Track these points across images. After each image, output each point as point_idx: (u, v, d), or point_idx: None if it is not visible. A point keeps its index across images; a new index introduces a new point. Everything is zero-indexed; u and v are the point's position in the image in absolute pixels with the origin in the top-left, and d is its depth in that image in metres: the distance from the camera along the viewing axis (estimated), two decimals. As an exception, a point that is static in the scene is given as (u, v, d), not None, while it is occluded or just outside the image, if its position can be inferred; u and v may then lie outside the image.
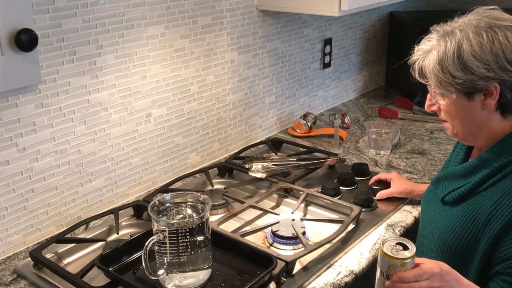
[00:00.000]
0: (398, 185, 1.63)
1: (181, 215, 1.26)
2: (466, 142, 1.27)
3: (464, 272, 1.17)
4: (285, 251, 1.38)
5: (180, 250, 1.19)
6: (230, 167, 1.81)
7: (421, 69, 1.20)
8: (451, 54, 1.12)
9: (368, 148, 2.01)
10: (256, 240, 1.42)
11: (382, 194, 1.63)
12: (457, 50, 1.12)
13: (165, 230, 1.18)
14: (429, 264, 1.09)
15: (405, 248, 1.09)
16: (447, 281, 1.09)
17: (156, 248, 1.21)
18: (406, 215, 1.57)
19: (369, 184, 1.68)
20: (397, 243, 1.10)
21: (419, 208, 1.60)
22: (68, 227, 1.46)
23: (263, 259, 1.28)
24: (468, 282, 1.13)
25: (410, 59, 1.23)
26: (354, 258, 1.37)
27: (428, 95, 1.24)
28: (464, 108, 1.17)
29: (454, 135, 1.24)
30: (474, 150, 1.30)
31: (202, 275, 1.25)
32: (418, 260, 1.10)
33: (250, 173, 1.69)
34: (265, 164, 1.71)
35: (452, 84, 1.14)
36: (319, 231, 1.49)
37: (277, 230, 1.43)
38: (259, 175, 1.69)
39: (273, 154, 1.94)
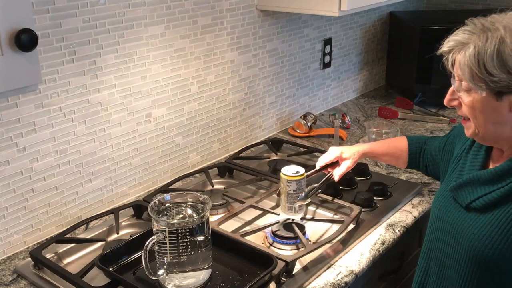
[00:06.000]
0: (347, 159, 1.53)
1: (181, 215, 1.26)
2: (484, 142, 1.21)
3: (504, 285, 1.14)
4: (285, 251, 1.38)
5: (180, 250, 1.19)
6: (230, 167, 1.81)
7: (454, 61, 1.14)
8: (491, 50, 1.07)
9: (368, 148, 2.01)
10: (256, 240, 1.41)
11: (340, 174, 1.53)
12: (498, 47, 1.07)
13: (165, 230, 1.18)
14: None
15: (298, 172, 1.48)
16: None
17: (156, 248, 1.21)
18: (406, 215, 1.57)
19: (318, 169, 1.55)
20: (295, 170, 1.49)
21: (419, 208, 1.60)
22: (68, 227, 1.46)
23: (263, 259, 1.28)
24: None
25: (440, 49, 1.17)
26: (354, 258, 1.37)
27: (450, 89, 1.18)
28: (490, 107, 1.12)
29: (474, 135, 1.18)
30: (494, 155, 1.23)
31: (202, 275, 1.25)
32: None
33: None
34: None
35: (485, 81, 1.09)
36: (319, 231, 1.49)
37: (277, 230, 1.43)
38: None
39: (273, 154, 1.94)
